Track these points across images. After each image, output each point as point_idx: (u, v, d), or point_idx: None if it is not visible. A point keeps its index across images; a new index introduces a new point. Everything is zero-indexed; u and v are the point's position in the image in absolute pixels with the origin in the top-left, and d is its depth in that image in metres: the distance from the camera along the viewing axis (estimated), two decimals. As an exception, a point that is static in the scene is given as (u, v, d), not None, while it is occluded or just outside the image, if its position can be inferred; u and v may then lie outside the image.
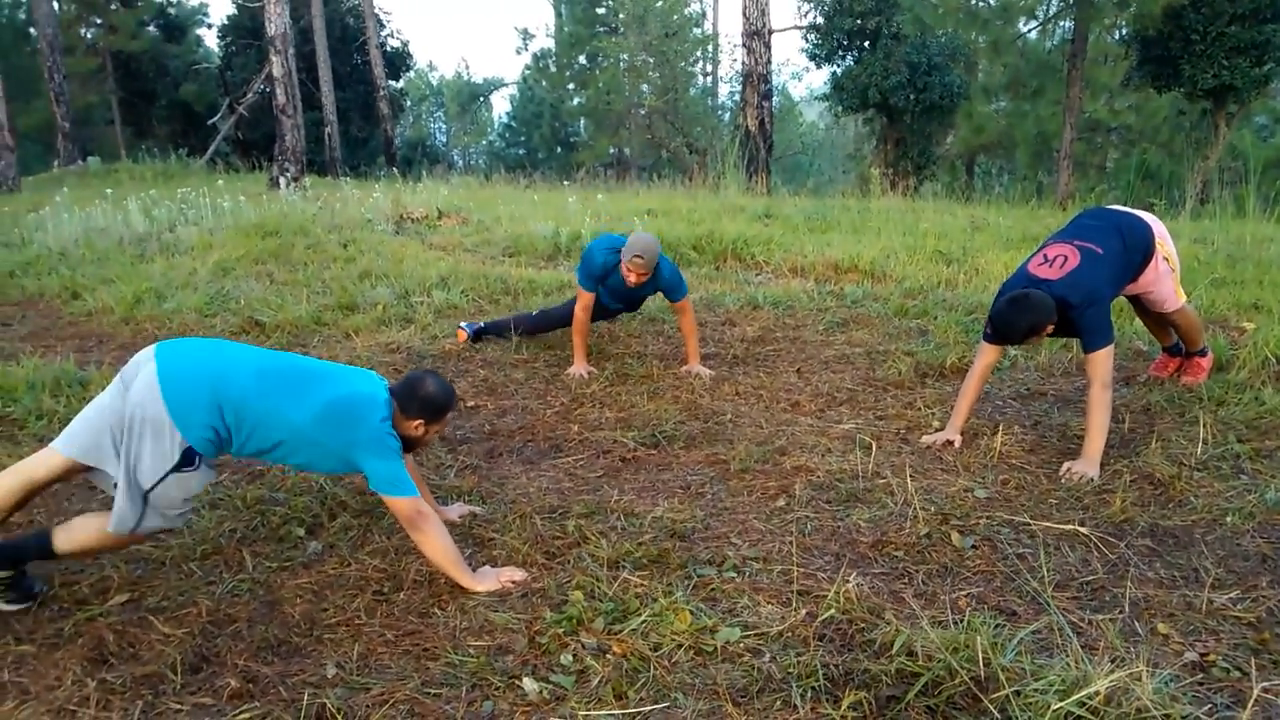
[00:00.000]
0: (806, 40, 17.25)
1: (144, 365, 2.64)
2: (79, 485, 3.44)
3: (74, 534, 2.68)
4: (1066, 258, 3.62)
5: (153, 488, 2.59)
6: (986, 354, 3.77)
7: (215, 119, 23.60)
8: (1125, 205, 4.08)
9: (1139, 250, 3.76)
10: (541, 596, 2.68)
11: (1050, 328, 3.52)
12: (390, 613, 2.64)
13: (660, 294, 4.82)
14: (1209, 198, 11.45)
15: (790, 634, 2.45)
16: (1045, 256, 3.69)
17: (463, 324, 5.27)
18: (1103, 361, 3.46)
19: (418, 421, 2.80)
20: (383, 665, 2.40)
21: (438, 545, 2.69)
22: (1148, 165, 17.68)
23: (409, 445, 2.85)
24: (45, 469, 2.70)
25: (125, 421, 2.56)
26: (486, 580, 2.75)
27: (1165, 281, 3.91)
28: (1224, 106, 13.49)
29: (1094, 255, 3.61)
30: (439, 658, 2.41)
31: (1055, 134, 20.33)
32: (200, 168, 21.63)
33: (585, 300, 4.72)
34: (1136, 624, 2.48)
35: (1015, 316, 3.48)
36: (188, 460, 2.60)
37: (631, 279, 4.55)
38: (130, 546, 2.83)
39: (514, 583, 2.76)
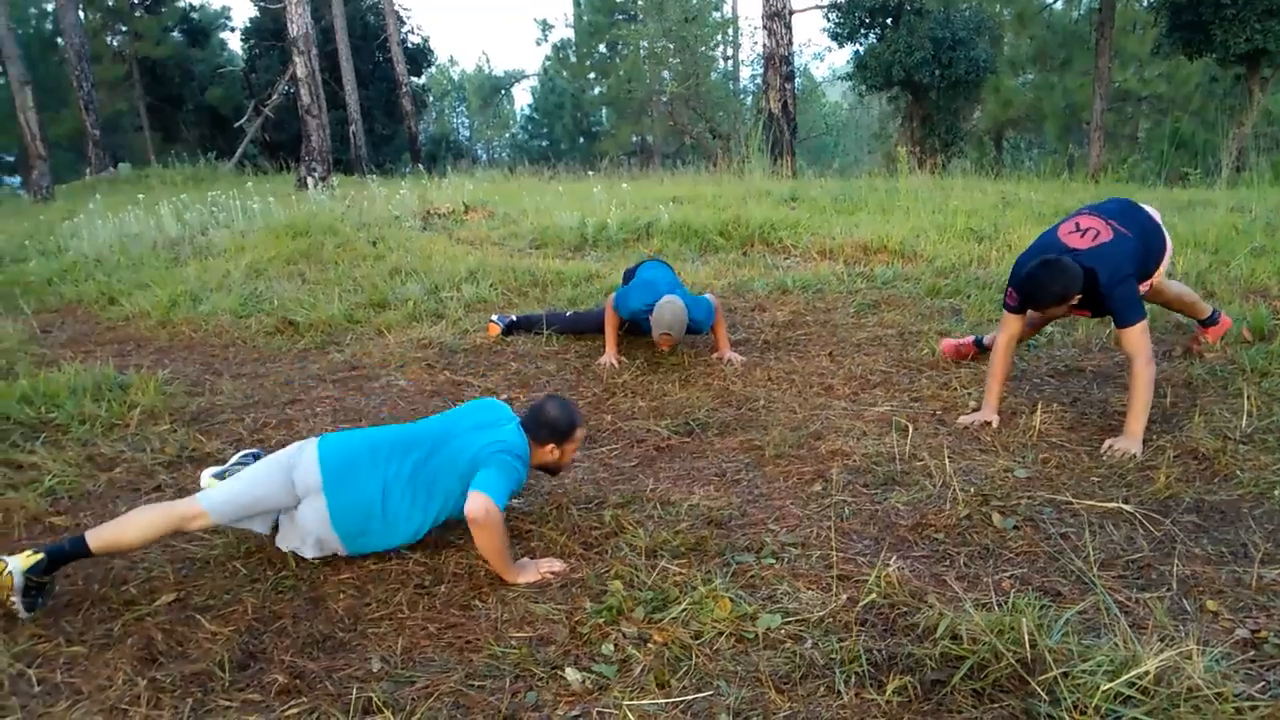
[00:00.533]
0: (828, 19, 17.08)
1: (309, 475, 2.83)
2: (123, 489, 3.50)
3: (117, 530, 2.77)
4: (1099, 231, 3.56)
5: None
6: (1009, 325, 3.72)
7: (242, 121, 23.82)
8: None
9: (1152, 257, 3.73)
10: (581, 587, 2.68)
11: (1077, 298, 3.45)
12: (432, 606, 2.66)
13: None
14: (1245, 165, 11.22)
15: (831, 619, 2.44)
16: (1078, 225, 3.64)
17: (494, 317, 5.29)
18: (1138, 337, 3.40)
19: (550, 446, 2.97)
20: (426, 658, 2.42)
21: (494, 544, 2.71)
22: (1180, 134, 17.32)
23: (552, 469, 3.07)
24: (194, 525, 2.82)
25: (295, 525, 2.86)
26: (526, 572, 2.77)
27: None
28: (1258, 71, 13.18)
29: (1125, 238, 3.56)
30: (481, 650, 2.43)
31: (1084, 105, 20.00)
32: (229, 170, 21.87)
33: (614, 319, 4.74)
34: (1185, 602, 2.44)
35: (1047, 278, 3.42)
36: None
37: (663, 349, 4.62)
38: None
39: (553, 574, 2.77)
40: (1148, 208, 3.86)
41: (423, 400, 4.36)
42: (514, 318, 5.29)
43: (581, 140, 36.10)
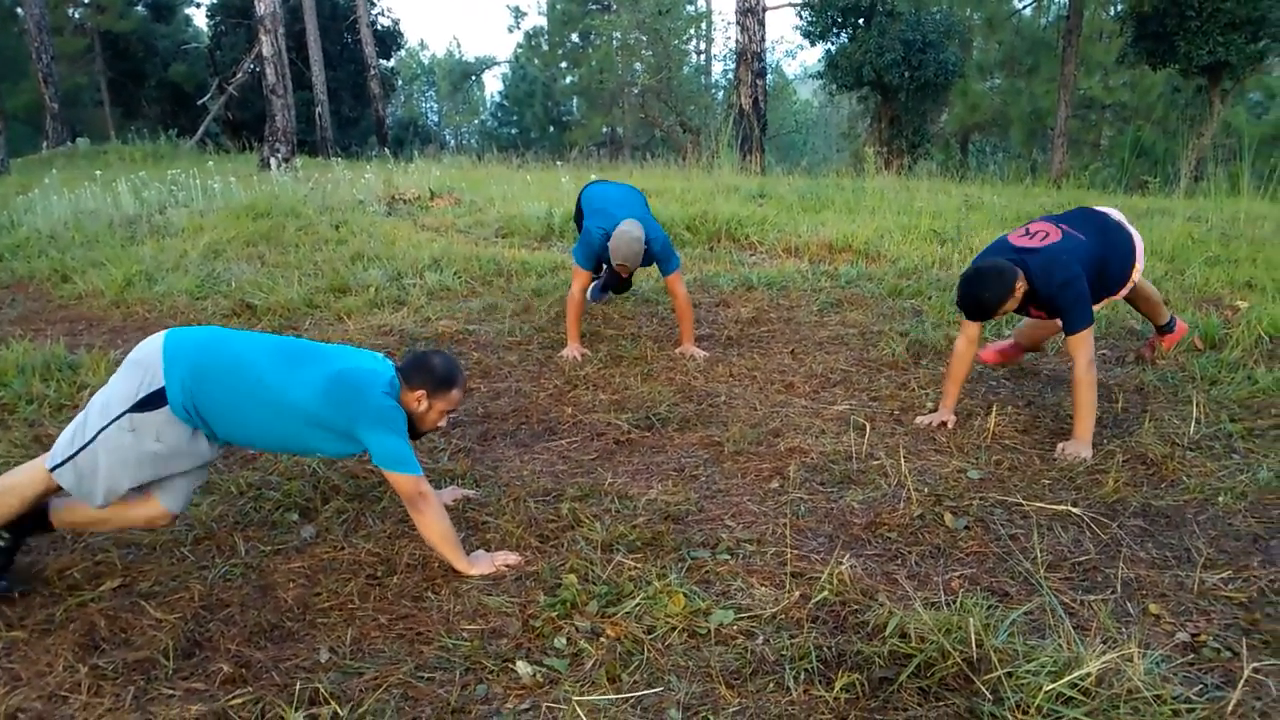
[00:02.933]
0: (800, 17, 17.14)
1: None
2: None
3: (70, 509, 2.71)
4: (1048, 233, 3.62)
5: (103, 429, 2.57)
6: (967, 329, 3.75)
7: (205, 99, 23.39)
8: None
9: (1117, 259, 3.72)
10: (535, 580, 2.68)
11: (1021, 289, 3.46)
12: (383, 597, 2.64)
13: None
14: (1204, 175, 11.44)
15: (784, 616, 2.46)
16: (1028, 230, 3.69)
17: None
18: (1084, 342, 3.44)
19: (420, 392, 2.75)
20: (376, 649, 2.40)
21: (436, 527, 2.68)
22: (1142, 142, 17.63)
23: (414, 426, 2.80)
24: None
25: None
26: (480, 564, 2.75)
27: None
28: (1219, 83, 13.44)
29: (1076, 239, 3.61)
30: (432, 641, 2.41)
31: (1049, 111, 20.26)
32: (190, 149, 21.48)
33: (583, 280, 4.71)
34: (1128, 604, 2.49)
35: (976, 290, 3.47)
36: (149, 403, 2.57)
37: (624, 275, 4.65)
38: (125, 530, 2.83)
39: (508, 566, 2.76)
40: (1109, 210, 3.90)
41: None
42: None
43: (552, 129, 35.94)
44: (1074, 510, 2.99)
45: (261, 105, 16.23)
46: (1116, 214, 3.87)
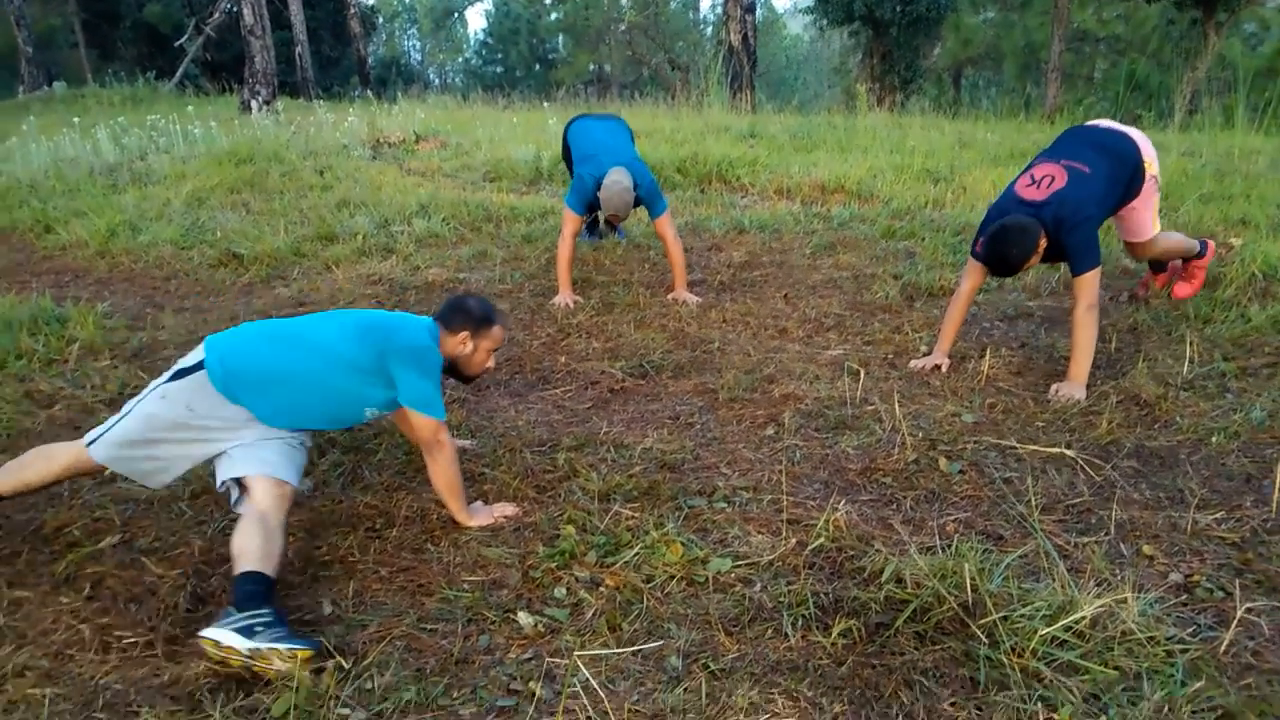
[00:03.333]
0: (790, -51, 16.74)
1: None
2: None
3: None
4: (1053, 178, 3.56)
5: (138, 402, 2.57)
6: (973, 275, 3.73)
7: (182, 40, 22.85)
8: (1114, 117, 3.99)
9: (1128, 168, 3.68)
10: (534, 531, 2.69)
11: (1043, 244, 3.45)
12: (384, 549, 2.65)
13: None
14: (1198, 108, 11.33)
15: (780, 563, 2.48)
16: (1033, 177, 3.63)
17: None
18: (1090, 283, 3.44)
19: (463, 334, 2.74)
20: (378, 602, 2.42)
21: (446, 474, 2.67)
22: (1136, 75, 17.41)
23: (462, 370, 2.82)
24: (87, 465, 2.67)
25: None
26: (479, 516, 2.76)
27: (1147, 205, 3.83)
28: (1213, 15, 13.24)
29: (1081, 175, 3.55)
30: (434, 593, 2.43)
31: (1043, 45, 19.97)
32: (169, 91, 21.06)
33: (574, 225, 4.67)
34: (1122, 546, 2.52)
35: (1004, 250, 3.42)
36: (182, 374, 2.55)
37: (616, 221, 4.67)
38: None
39: (506, 518, 2.77)
40: (1103, 122, 3.85)
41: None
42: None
43: (537, 67, 35.29)
44: (1068, 452, 3.01)
45: (239, 46, 15.85)
46: (1106, 122, 3.84)
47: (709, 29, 29.92)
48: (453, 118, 11.96)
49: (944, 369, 3.78)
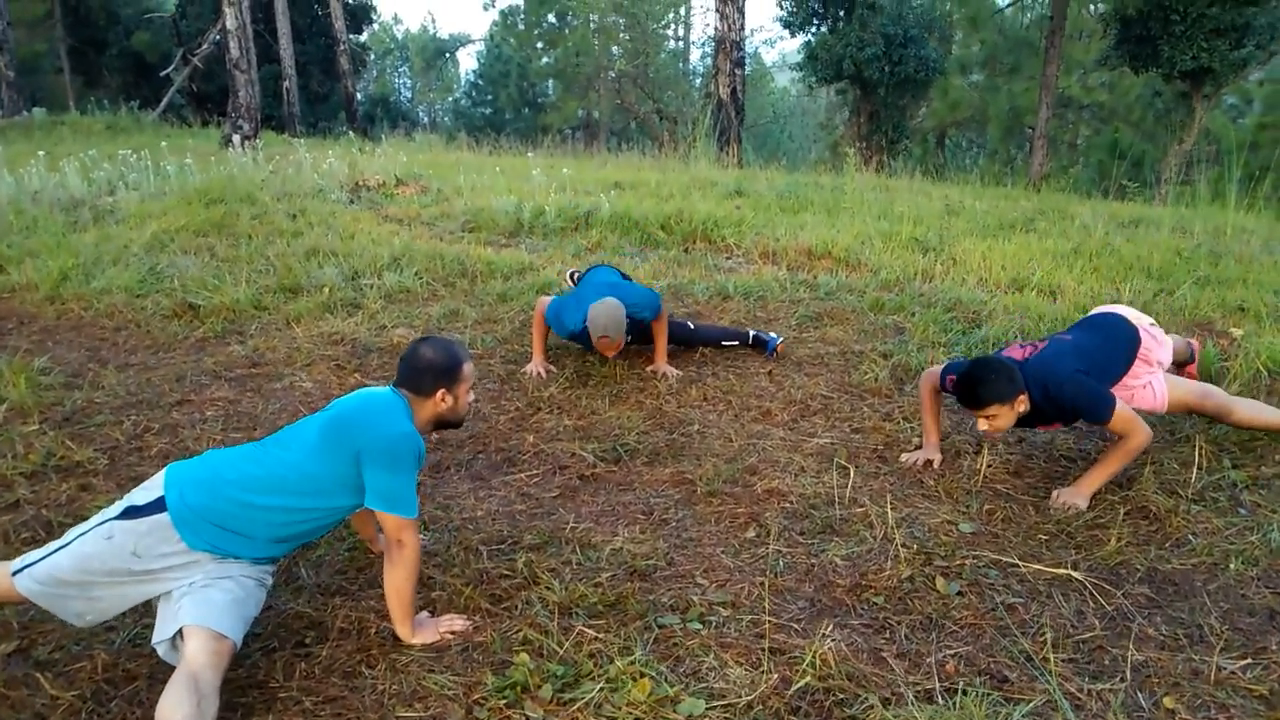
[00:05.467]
0: (781, 6, 16.83)
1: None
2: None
3: None
4: (1036, 346, 3.39)
5: (78, 536, 2.27)
6: (933, 384, 3.53)
7: (169, 70, 22.65)
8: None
9: (1121, 351, 3.41)
10: (483, 653, 2.39)
11: (1020, 400, 3.14)
12: (311, 672, 2.34)
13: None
14: (1187, 180, 11.31)
15: (761, 705, 2.20)
16: (1020, 344, 3.47)
17: None
18: (1124, 422, 3.13)
19: (439, 393, 2.52)
20: (299, 742, 2.11)
21: (401, 581, 2.39)
22: (1119, 144, 17.55)
23: (449, 422, 2.61)
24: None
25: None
26: (425, 632, 2.46)
27: (1145, 391, 3.47)
28: (1201, 89, 13.31)
29: (1060, 339, 3.41)
30: (363, 733, 2.13)
31: (1027, 110, 20.13)
32: (153, 121, 20.83)
33: (544, 322, 4.40)
34: (1139, 695, 2.25)
35: (977, 378, 3.12)
36: (135, 512, 2.26)
37: (607, 354, 4.27)
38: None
39: (453, 634, 2.48)
40: (1113, 308, 3.63)
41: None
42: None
43: (526, 110, 35.33)
44: (1075, 575, 2.75)
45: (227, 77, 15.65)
46: (1119, 310, 3.59)
47: (698, 80, 30.10)
48: (436, 161, 11.75)
49: (936, 464, 3.53)
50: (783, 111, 36.01)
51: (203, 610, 2.18)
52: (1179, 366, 4.11)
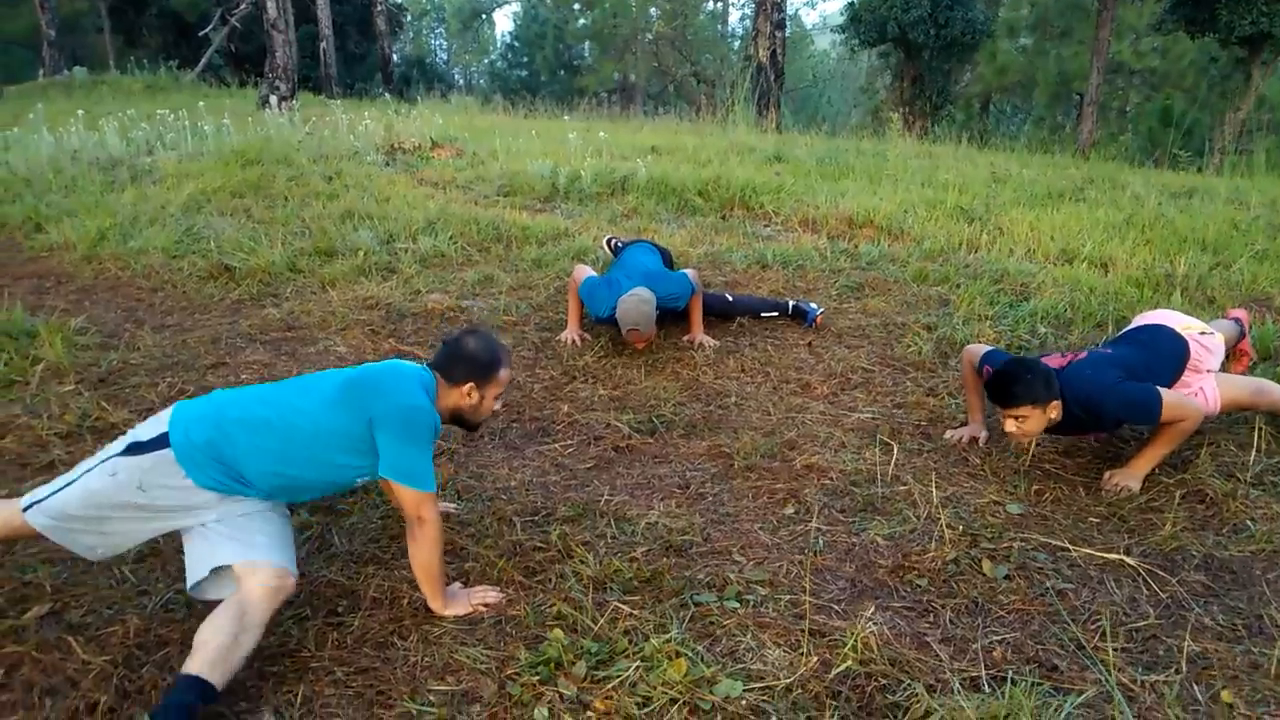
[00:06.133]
0: (824, -33, 16.42)
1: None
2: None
3: None
4: (1076, 355, 3.23)
5: (86, 472, 2.26)
6: (970, 353, 3.41)
7: (207, 30, 22.67)
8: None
9: (1165, 361, 3.24)
10: (516, 627, 2.35)
11: (1053, 408, 2.98)
12: (343, 642, 2.31)
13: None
14: (1244, 148, 10.93)
15: (800, 689, 2.13)
16: (1060, 354, 3.30)
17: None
18: (1172, 411, 2.98)
19: (468, 386, 2.46)
20: (329, 712, 2.09)
21: (426, 557, 2.35)
22: (1171, 112, 17.01)
23: (467, 421, 2.54)
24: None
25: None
26: (457, 603, 2.43)
27: (1196, 399, 3.25)
28: (1259, 55, 12.82)
29: (1098, 351, 3.26)
30: (394, 706, 2.09)
31: (1076, 75, 19.58)
32: (191, 81, 20.89)
33: (584, 271, 4.33)
34: (1196, 688, 2.16)
35: (1011, 375, 2.97)
36: (139, 448, 2.24)
37: (637, 347, 4.18)
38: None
39: (486, 606, 2.44)
40: (1159, 317, 3.47)
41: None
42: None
43: (562, 73, 35.00)
44: (1128, 560, 2.65)
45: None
46: (1163, 318, 3.44)
47: (736, 43, 29.61)
48: (472, 124, 11.66)
49: (981, 442, 3.42)
50: (823, 75, 35.38)
51: (250, 545, 2.21)
52: (1232, 346, 3.95)
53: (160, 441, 2.24)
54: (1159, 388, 3.00)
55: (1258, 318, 4.53)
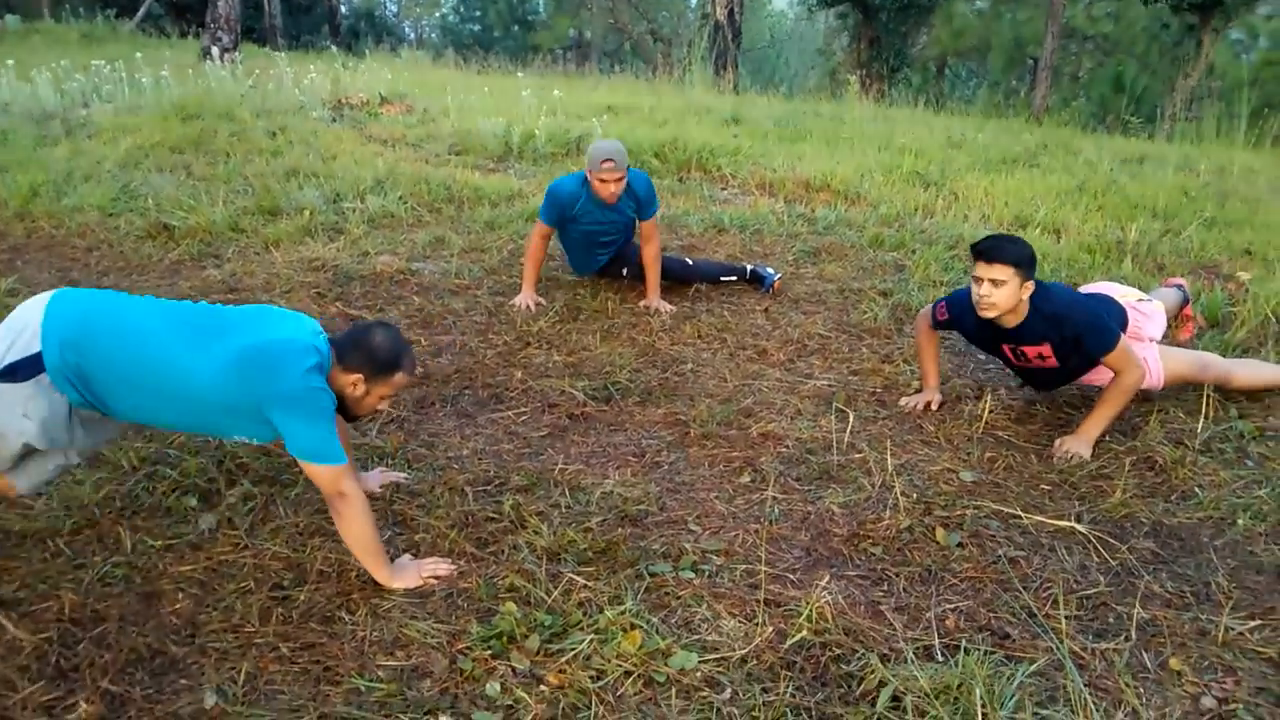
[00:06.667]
0: (783, -75, 16.23)
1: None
2: None
3: None
4: None
5: None
6: (922, 320, 3.44)
7: (146, -23, 21.79)
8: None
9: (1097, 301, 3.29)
10: (468, 600, 2.30)
11: (1029, 289, 3.00)
12: (288, 616, 2.25)
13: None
14: (1194, 115, 11.08)
15: (755, 659, 2.12)
16: None
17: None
18: (1124, 358, 3.04)
19: (356, 376, 2.32)
20: (274, 690, 2.02)
21: (357, 531, 2.28)
22: (1123, 77, 17.18)
23: (346, 409, 2.39)
24: None
25: None
26: (406, 575, 2.37)
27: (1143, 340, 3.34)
28: (1210, 21, 12.98)
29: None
30: (341, 682, 2.04)
31: (1031, 40, 19.66)
32: (129, 31, 20.10)
33: (542, 230, 4.23)
34: (1145, 655, 2.18)
35: (1007, 236, 3.09)
36: (13, 372, 2.15)
37: (610, 189, 4.05)
38: None
39: (436, 578, 2.38)
40: (1098, 287, 3.53)
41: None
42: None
43: (516, 28, 34.30)
44: (1079, 527, 2.67)
45: (204, -12, 15.03)
46: (1112, 288, 3.50)
47: (693, 0, 29.23)
48: (422, 80, 11.38)
49: (935, 406, 3.43)
50: (780, 36, 35.13)
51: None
52: (1175, 313, 3.99)
53: (34, 365, 2.15)
54: (1120, 333, 3.06)
55: (1206, 285, 4.60)
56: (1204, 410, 3.32)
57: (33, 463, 2.32)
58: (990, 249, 3.00)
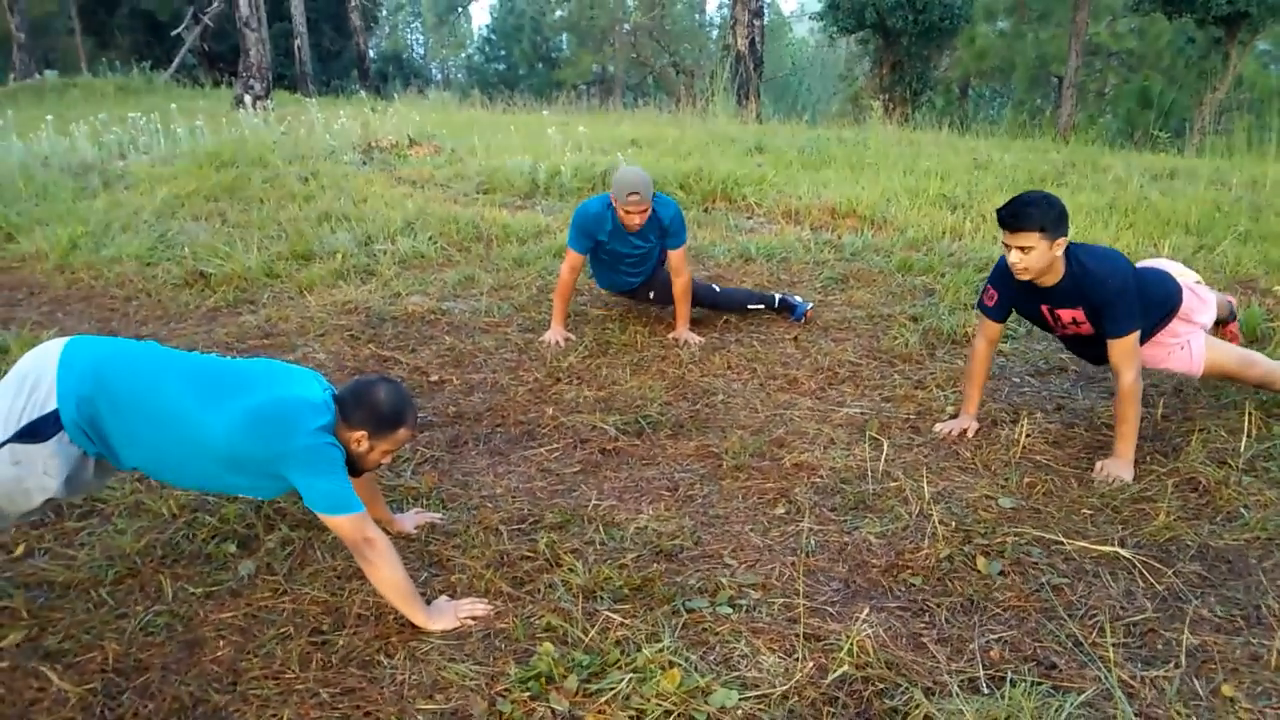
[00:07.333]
0: (800, -46, 16.36)
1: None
2: None
3: None
4: None
5: None
6: (987, 329, 3.35)
7: (180, 29, 22.39)
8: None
9: (1157, 291, 3.24)
10: (505, 640, 2.30)
11: (1061, 245, 2.95)
12: (327, 662, 2.25)
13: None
14: (1222, 127, 10.96)
15: (796, 696, 2.09)
16: None
17: None
18: (1130, 350, 3.02)
19: (360, 434, 2.35)
20: (315, 736, 2.03)
21: (387, 577, 2.29)
22: (1149, 93, 17.05)
23: (350, 464, 2.39)
24: None
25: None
26: (444, 617, 2.37)
27: (1181, 352, 3.30)
28: (1236, 35, 12.86)
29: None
30: (382, 727, 2.04)
31: (1054, 58, 19.60)
32: (164, 82, 20.63)
33: (573, 261, 4.26)
34: (1196, 683, 2.13)
35: (1030, 196, 2.96)
36: (34, 432, 2.19)
37: (634, 220, 4.07)
38: None
39: (473, 619, 2.38)
40: (1157, 263, 3.47)
41: (342, 380, 3.90)
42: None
43: (540, 66, 34.83)
44: (1123, 552, 2.62)
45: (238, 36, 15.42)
46: (1170, 265, 3.45)
47: (715, 32, 29.52)
48: (450, 120, 11.56)
49: (971, 434, 3.39)
50: (801, 63, 35.32)
51: None
52: (1219, 325, 3.93)
53: (54, 423, 2.19)
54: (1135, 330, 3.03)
55: (1243, 300, 4.53)
56: (1246, 428, 3.26)
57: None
58: (1012, 217, 2.94)
